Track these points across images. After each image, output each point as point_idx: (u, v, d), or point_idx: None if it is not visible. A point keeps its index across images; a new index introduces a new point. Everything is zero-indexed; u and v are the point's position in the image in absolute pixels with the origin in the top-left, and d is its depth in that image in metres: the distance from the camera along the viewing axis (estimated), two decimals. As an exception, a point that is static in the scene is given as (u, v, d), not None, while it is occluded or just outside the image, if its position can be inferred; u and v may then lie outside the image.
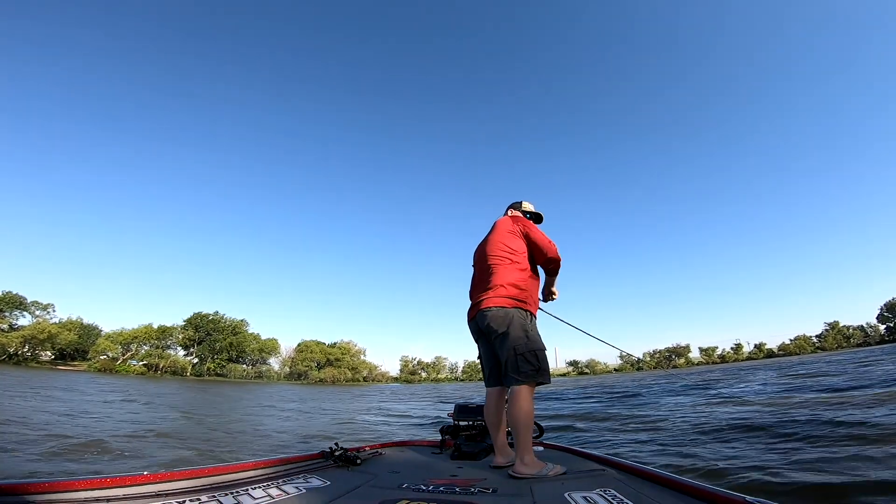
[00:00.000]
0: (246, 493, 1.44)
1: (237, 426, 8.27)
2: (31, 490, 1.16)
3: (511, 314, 2.12)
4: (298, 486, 1.58)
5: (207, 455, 5.03)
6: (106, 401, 12.15)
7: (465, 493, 1.57)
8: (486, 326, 2.17)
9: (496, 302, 2.16)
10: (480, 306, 2.21)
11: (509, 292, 2.17)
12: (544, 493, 1.56)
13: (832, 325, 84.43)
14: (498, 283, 2.20)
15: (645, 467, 1.76)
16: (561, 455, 2.47)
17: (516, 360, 2.03)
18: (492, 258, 2.31)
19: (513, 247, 2.30)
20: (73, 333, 63.00)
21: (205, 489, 1.45)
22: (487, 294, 2.20)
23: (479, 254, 2.46)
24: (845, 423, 4.51)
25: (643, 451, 4.67)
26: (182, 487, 1.44)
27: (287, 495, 1.46)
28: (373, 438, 6.75)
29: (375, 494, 1.54)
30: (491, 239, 2.40)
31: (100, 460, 4.45)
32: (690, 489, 1.40)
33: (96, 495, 1.24)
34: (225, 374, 66.80)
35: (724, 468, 3.44)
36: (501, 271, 2.24)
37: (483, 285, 2.28)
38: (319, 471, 1.92)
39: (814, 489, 2.73)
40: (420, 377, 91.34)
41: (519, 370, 2.02)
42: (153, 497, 1.31)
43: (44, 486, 1.18)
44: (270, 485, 1.57)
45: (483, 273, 2.35)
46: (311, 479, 1.74)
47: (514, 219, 2.42)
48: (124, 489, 1.31)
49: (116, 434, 5.98)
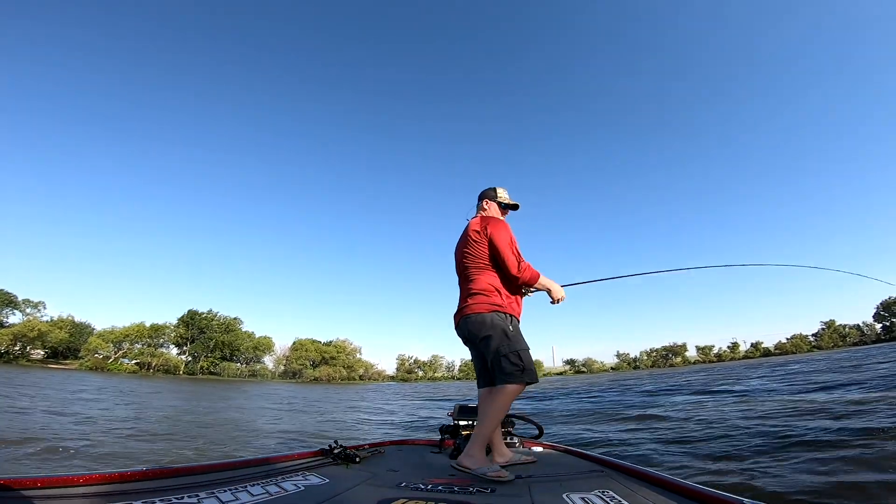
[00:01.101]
0: (245, 489, 1.44)
1: (209, 432, 7.74)
2: (28, 485, 1.16)
3: (489, 319, 2.15)
4: (297, 484, 1.59)
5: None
6: (79, 399, 11.63)
7: (464, 493, 1.57)
8: (468, 333, 2.23)
9: (475, 309, 2.20)
10: (463, 313, 2.25)
11: (486, 299, 2.21)
12: (542, 493, 1.56)
13: (828, 323, 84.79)
14: (475, 289, 2.25)
15: (643, 469, 1.76)
16: (559, 455, 2.47)
17: (500, 362, 2.06)
18: (464, 265, 2.34)
19: (482, 253, 2.29)
20: (65, 332, 62.54)
21: (203, 485, 1.45)
22: (467, 302, 2.25)
23: (456, 257, 2.47)
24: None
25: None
26: (181, 483, 1.43)
27: (286, 492, 1.46)
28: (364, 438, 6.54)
29: (374, 493, 1.55)
30: (461, 245, 2.41)
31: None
32: (688, 491, 1.41)
33: (95, 490, 1.25)
34: (218, 372, 66.28)
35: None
36: (477, 278, 2.28)
37: (464, 293, 2.33)
38: (318, 468, 1.93)
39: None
40: (416, 376, 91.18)
41: (503, 371, 2.05)
42: (151, 493, 1.29)
43: (42, 481, 1.19)
44: (269, 482, 1.58)
45: (463, 279, 2.39)
46: (310, 476, 1.75)
47: (484, 222, 2.35)
48: (123, 485, 1.33)
49: (58, 434, 5.50)
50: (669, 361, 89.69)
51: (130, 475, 1.38)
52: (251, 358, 74.29)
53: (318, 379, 71.08)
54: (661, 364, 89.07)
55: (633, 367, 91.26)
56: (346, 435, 7.06)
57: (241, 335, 72.32)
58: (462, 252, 2.36)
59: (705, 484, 1.49)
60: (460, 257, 2.38)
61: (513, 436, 2.79)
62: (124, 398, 13.56)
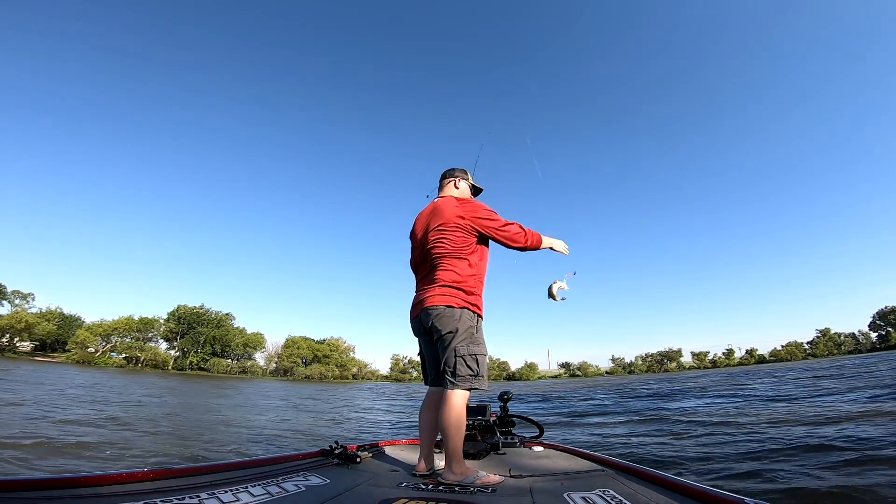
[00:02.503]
0: (246, 490, 1.44)
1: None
2: (29, 486, 1.17)
3: (459, 314, 1.97)
4: (298, 484, 1.59)
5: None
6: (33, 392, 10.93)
7: (465, 493, 1.58)
8: (430, 325, 2.00)
9: (444, 301, 1.98)
10: (426, 304, 2.02)
11: (458, 292, 2.00)
12: (544, 493, 1.56)
13: (824, 332, 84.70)
14: (446, 280, 2.02)
15: (644, 468, 1.76)
16: (560, 455, 2.45)
17: (455, 363, 1.91)
18: (437, 251, 2.08)
19: (461, 240, 2.07)
20: (52, 324, 61.56)
21: (204, 486, 1.45)
22: (434, 291, 2.02)
23: (419, 241, 2.19)
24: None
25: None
26: (182, 484, 1.43)
27: (287, 493, 1.47)
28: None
29: (375, 493, 1.56)
30: (435, 227, 2.10)
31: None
32: (689, 490, 1.41)
33: (97, 491, 1.25)
34: (208, 368, 65.25)
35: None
36: (449, 266, 2.04)
37: (429, 281, 2.10)
38: (319, 469, 1.92)
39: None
40: (411, 376, 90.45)
41: (456, 374, 1.90)
42: (153, 493, 1.30)
43: (43, 482, 1.19)
44: (270, 482, 1.57)
45: (428, 266, 2.14)
46: (311, 476, 1.74)
47: (463, 204, 2.13)
48: (125, 486, 1.33)
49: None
50: (664, 367, 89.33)
51: (130, 476, 1.38)
52: (242, 355, 73.28)
53: (309, 377, 70.13)
54: (655, 369, 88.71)
55: (628, 371, 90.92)
56: (345, 435, 6.90)
57: (233, 331, 71.16)
58: (432, 236, 2.09)
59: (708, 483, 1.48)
60: (429, 242, 2.10)
61: (514, 436, 2.78)
62: (79, 394, 12.80)
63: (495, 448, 2.54)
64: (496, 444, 2.57)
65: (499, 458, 2.40)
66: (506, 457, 2.41)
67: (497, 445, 2.56)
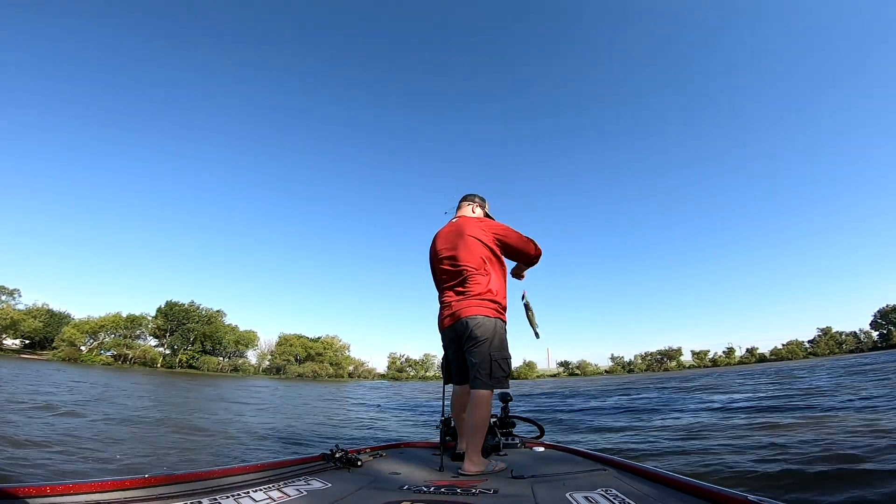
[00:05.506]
0: (247, 495, 1.44)
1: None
2: (26, 493, 1.16)
3: (493, 323, 2.19)
4: (299, 489, 1.58)
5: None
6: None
7: (467, 494, 1.58)
8: (467, 335, 2.19)
9: (481, 311, 2.19)
10: (462, 314, 2.22)
11: (490, 304, 2.23)
12: (546, 493, 1.56)
13: (825, 330, 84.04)
14: (479, 292, 2.23)
15: (646, 466, 1.76)
16: (561, 455, 2.47)
17: (491, 366, 2.10)
18: (467, 265, 2.29)
19: (487, 254, 2.31)
20: (39, 321, 60.21)
21: (205, 492, 1.44)
22: (470, 302, 2.22)
23: (444, 256, 2.39)
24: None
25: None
26: (182, 490, 1.43)
27: (288, 497, 1.46)
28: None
29: (377, 496, 1.55)
30: (461, 244, 2.33)
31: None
32: (692, 488, 1.41)
33: (96, 499, 1.25)
34: (198, 366, 63.94)
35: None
36: (481, 280, 2.26)
37: (458, 293, 2.30)
38: (320, 473, 1.92)
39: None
40: (408, 375, 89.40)
41: (492, 375, 2.10)
42: (153, 499, 1.31)
43: (41, 489, 1.19)
44: (271, 487, 1.57)
45: (456, 280, 2.33)
46: (312, 481, 1.73)
47: (482, 223, 2.40)
48: (124, 492, 1.32)
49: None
50: (664, 365, 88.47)
51: (131, 483, 1.36)
52: (234, 352, 71.95)
53: (302, 375, 68.84)
54: (655, 368, 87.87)
55: (628, 370, 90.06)
56: (345, 437, 6.88)
57: (224, 328, 69.85)
58: (460, 253, 2.30)
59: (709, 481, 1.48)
60: (463, 256, 2.29)
61: (514, 436, 2.78)
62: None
63: (496, 449, 2.54)
64: (497, 445, 2.56)
65: (500, 458, 2.36)
66: (507, 457, 2.38)
67: (498, 446, 2.56)
